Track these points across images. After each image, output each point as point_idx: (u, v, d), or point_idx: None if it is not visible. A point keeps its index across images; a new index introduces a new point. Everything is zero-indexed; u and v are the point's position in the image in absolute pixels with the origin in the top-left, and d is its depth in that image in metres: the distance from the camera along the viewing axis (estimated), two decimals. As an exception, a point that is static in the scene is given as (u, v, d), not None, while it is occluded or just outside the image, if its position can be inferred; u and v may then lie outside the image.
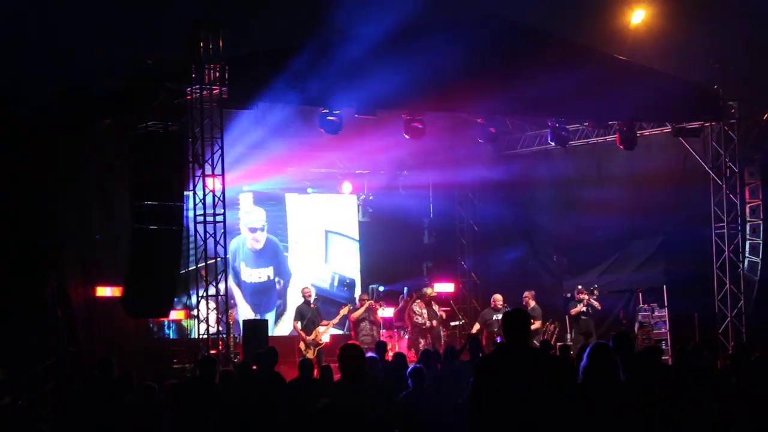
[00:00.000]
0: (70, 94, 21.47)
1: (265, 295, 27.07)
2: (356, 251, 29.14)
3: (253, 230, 27.13)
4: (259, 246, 27.26)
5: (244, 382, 14.90)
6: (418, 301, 24.26)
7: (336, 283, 28.77)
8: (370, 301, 24.18)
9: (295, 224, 28.11)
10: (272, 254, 27.54)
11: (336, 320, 23.95)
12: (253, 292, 26.80)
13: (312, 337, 22.87)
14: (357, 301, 24.67)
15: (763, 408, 11.98)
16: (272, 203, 27.64)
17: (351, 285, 28.68)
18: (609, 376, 8.86)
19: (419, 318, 23.85)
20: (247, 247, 27.04)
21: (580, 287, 24.32)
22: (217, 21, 19.41)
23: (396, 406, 12.60)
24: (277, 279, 27.36)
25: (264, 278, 27.09)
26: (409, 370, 13.59)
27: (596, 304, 23.90)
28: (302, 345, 22.90)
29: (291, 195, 27.95)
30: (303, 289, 24.16)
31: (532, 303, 23.86)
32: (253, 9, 25.43)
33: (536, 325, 23.29)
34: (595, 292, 24.11)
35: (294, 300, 25.59)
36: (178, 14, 22.21)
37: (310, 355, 22.40)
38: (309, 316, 23.22)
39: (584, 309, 23.82)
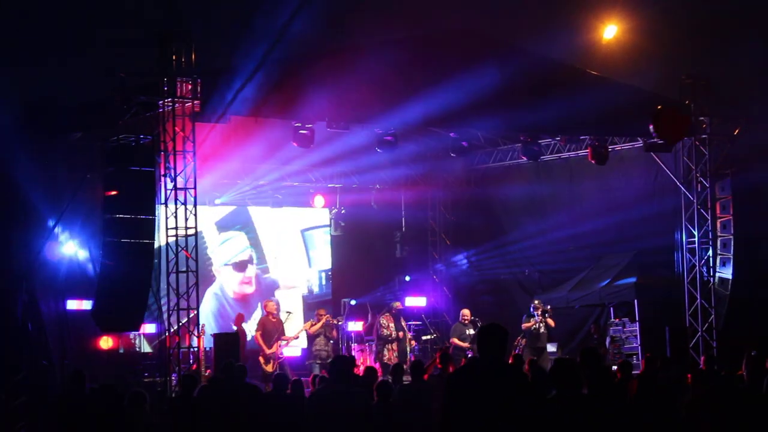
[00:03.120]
0: (40, 106, 21.38)
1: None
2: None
3: (238, 267, 27.14)
4: (251, 289, 27.18)
5: (216, 395, 14.92)
6: (386, 314, 24.79)
7: (324, 282, 28.93)
8: (327, 316, 24.14)
9: (268, 238, 28.08)
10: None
11: (296, 335, 23.94)
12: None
13: (272, 350, 22.88)
14: (314, 316, 24.58)
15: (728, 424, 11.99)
16: (239, 225, 27.71)
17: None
18: (571, 391, 8.86)
19: (385, 330, 24.23)
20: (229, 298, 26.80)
21: (536, 302, 24.38)
22: (189, 34, 19.37)
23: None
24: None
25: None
26: (376, 383, 13.67)
27: (551, 322, 24.01)
28: (261, 359, 22.90)
29: (260, 209, 27.90)
30: (266, 302, 24.22)
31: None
32: (225, 23, 25.41)
33: None
34: (548, 312, 24.23)
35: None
36: (151, 27, 22.15)
37: (269, 368, 22.48)
38: (270, 329, 23.22)
39: (537, 326, 23.84)
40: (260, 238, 27.93)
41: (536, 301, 24.43)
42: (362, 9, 25.44)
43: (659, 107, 22.86)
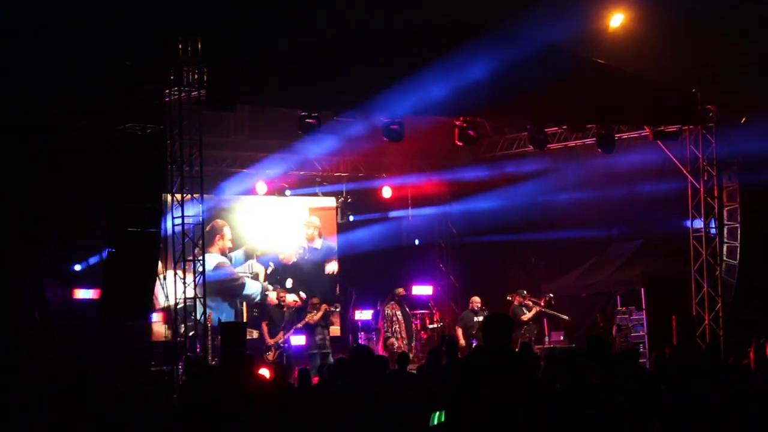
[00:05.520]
0: (46, 94, 21.38)
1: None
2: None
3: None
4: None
5: (222, 383, 14.91)
6: (391, 303, 25.46)
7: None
8: (324, 306, 24.12)
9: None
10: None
11: (300, 325, 23.87)
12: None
13: (275, 339, 22.95)
14: (309, 305, 24.59)
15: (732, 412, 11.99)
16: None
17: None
18: (577, 381, 8.84)
19: (392, 318, 24.61)
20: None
21: (525, 293, 24.51)
22: (195, 30, 19.29)
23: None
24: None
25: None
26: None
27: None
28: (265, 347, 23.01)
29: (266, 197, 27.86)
30: (278, 292, 24.32)
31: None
32: (234, 13, 25.40)
33: None
34: (552, 301, 24.41)
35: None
36: (158, 16, 22.14)
37: (270, 357, 22.56)
38: (277, 319, 23.29)
39: (532, 316, 24.03)
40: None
41: (524, 291, 24.63)
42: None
43: None
